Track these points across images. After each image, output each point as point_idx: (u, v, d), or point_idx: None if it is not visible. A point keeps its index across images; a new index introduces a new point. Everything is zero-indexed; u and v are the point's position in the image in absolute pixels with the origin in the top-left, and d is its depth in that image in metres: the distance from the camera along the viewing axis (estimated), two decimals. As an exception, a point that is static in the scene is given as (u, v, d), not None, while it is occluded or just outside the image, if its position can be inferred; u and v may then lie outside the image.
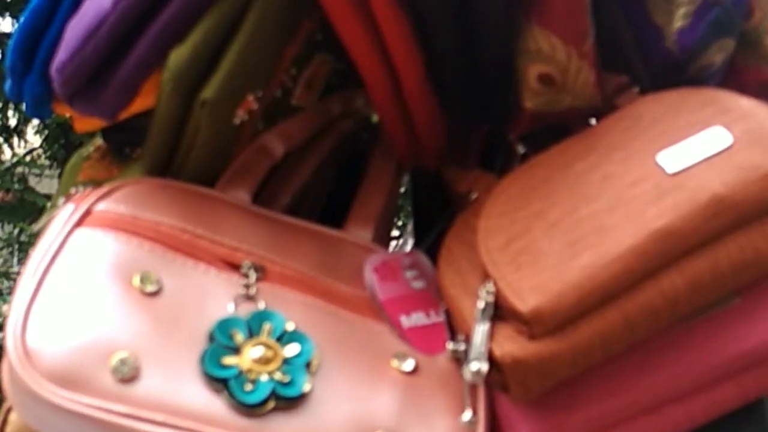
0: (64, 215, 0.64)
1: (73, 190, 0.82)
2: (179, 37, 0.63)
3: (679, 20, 0.68)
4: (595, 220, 0.62)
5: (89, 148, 0.90)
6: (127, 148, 0.84)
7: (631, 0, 0.71)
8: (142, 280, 0.60)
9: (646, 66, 0.72)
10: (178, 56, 0.62)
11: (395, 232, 1.84)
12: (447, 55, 0.69)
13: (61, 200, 0.81)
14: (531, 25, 0.68)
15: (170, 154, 0.69)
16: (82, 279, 0.59)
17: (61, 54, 0.64)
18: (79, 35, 0.63)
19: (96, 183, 0.81)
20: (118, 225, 0.63)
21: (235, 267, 0.65)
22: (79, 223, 0.63)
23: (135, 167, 0.76)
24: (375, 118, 0.82)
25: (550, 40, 0.67)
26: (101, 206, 0.64)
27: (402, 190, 0.93)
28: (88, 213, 0.64)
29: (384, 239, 0.80)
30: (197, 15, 0.62)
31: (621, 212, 0.61)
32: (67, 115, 0.81)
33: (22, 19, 0.74)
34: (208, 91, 0.64)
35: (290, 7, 0.67)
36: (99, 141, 0.88)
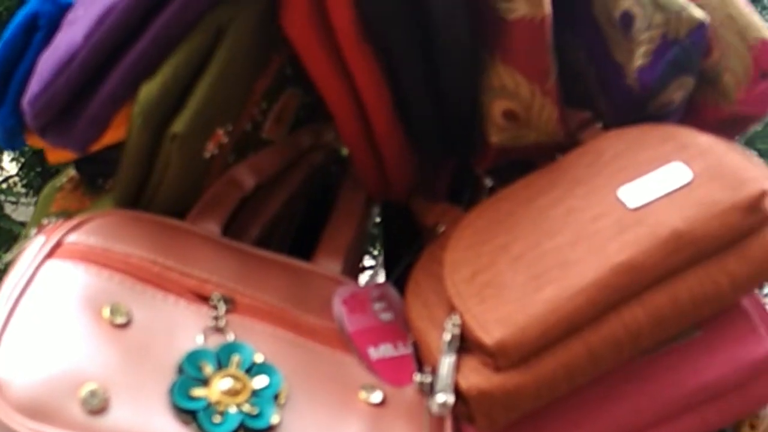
0: (35, 247, 0.64)
1: (45, 221, 0.82)
2: (149, 72, 0.63)
3: (639, 59, 0.69)
4: (559, 254, 0.63)
5: (62, 179, 0.90)
6: (99, 179, 0.84)
7: (593, 38, 0.72)
8: (112, 312, 0.61)
9: (609, 102, 0.74)
10: (148, 91, 0.63)
11: (370, 261, 1.85)
12: (414, 92, 0.71)
13: (33, 231, 0.81)
14: (495, 62, 0.69)
15: (141, 186, 0.69)
16: (52, 310, 0.60)
17: (33, 86, 0.64)
18: (51, 68, 0.63)
19: (68, 214, 0.81)
20: (88, 257, 0.64)
21: (204, 299, 0.66)
22: (49, 254, 0.63)
23: (107, 199, 0.76)
24: (344, 151, 0.83)
25: (514, 77, 0.69)
26: (72, 238, 0.65)
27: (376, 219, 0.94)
28: (58, 245, 0.64)
29: (353, 270, 0.81)
30: (167, 50, 0.63)
31: (583, 246, 0.63)
32: (40, 146, 0.82)
33: (-7, 53, 0.75)
34: (178, 125, 0.64)
35: (260, 42, 0.68)
36: (72, 172, 0.89)
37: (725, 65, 0.72)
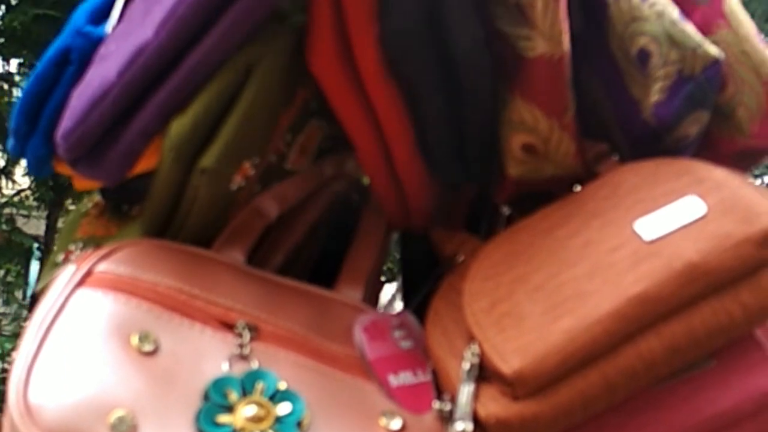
0: (65, 276, 0.66)
1: (72, 247, 0.84)
2: (180, 108, 0.65)
3: (655, 94, 0.71)
4: (576, 285, 0.64)
5: (87, 204, 0.92)
6: (125, 206, 0.86)
7: (610, 73, 0.74)
8: (140, 340, 0.63)
9: (625, 135, 0.75)
10: (179, 126, 0.65)
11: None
12: (435, 124, 0.72)
13: (61, 256, 0.83)
14: (515, 97, 0.71)
15: (169, 216, 0.71)
16: (82, 338, 0.62)
17: (67, 121, 0.66)
18: (84, 104, 0.65)
19: (95, 240, 0.83)
20: (117, 286, 0.66)
21: (229, 326, 0.67)
22: (80, 283, 0.65)
23: (133, 226, 0.78)
24: (365, 179, 0.84)
25: (533, 112, 0.71)
26: (102, 267, 0.67)
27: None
28: (89, 273, 0.66)
29: (373, 297, 0.82)
30: (198, 87, 0.65)
31: (600, 278, 0.64)
32: (68, 173, 0.84)
33: (26, 85, 0.77)
34: (208, 160, 0.66)
35: (287, 78, 0.70)
36: (97, 197, 0.91)
37: (739, 100, 0.74)
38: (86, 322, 0.63)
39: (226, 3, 0.63)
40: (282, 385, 0.64)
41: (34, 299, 0.72)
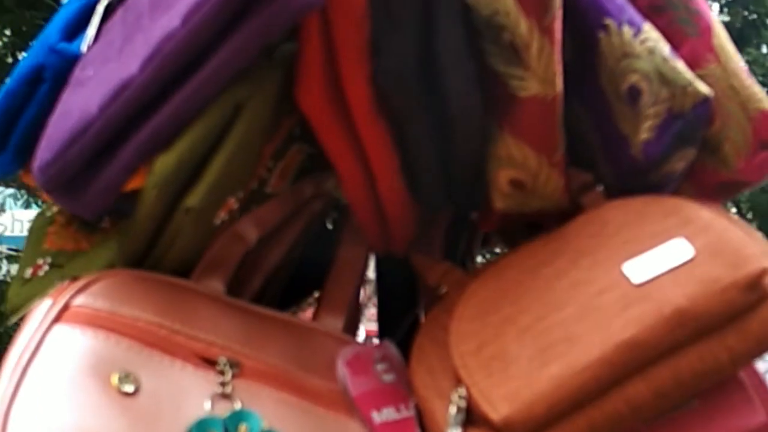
0: (41, 310, 0.64)
1: (40, 261, 0.81)
2: (164, 144, 0.63)
3: (645, 132, 0.70)
4: (564, 328, 0.64)
5: (53, 209, 0.89)
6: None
7: (599, 107, 0.73)
8: (121, 380, 0.61)
9: (611, 168, 0.75)
10: (164, 164, 0.63)
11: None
12: (422, 157, 0.71)
13: (29, 271, 0.80)
14: (504, 133, 0.70)
15: (149, 247, 0.69)
16: (61, 379, 0.60)
17: (45, 152, 0.64)
18: (63, 137, 0.63)
19: (64, 254, 0.80)
20: (96, 321, 0.64)
21: (210, 362, 0.66)
22: (57, 319, 0.63)
23: (106, 244, 0.75)
24: (344, 199, 0.83)
25: (522, 149, 0.70)
26: (79, 300, 0.65)
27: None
28: (66, 308, 0.64)
29: (352, 325, 0.81)
30: (184, 123, 0.63)
31: (589, 321, 0.64)
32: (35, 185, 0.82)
33: (-5, 102, 0.74)
34: (193, 200, 0.64)
35: (275, 112, 0.68)
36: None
37: (726, 135, 0.73)
38: (64, 362, 0.61)
39: (214, 43, 0.61)
40: (265, 425, 0.63)
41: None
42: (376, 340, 0.84)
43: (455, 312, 0.69)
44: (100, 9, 0.75)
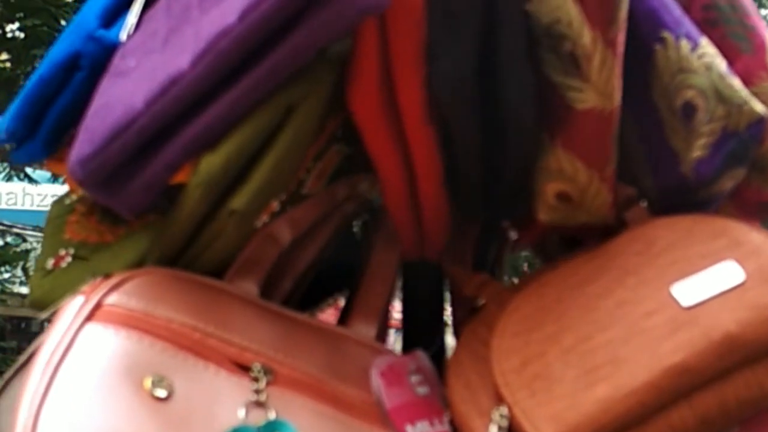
0: (73, 308, 0.62)
1: (62, 251, 0.79)
2: (211, 144, 0.61)
3: (698, 150, 0.69)
4: (610, 349, 0.63)
5: (72, 197, 0.87)
6: (113, 206, 0.81)
7: (649, 121, 0.71)
8: (154, 384, 0.59)
9: (657, 184, 0.73)
10: (210, 164, 0.60)
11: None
12: (468, 165, 0.69)
13: (50, 261, 0.78)
14: (555, 145, 0.68)
15: (184, 246, 0.67)
16: (93, 381, 0.58)
17: (85, 146, 0.61)
18: (105, 130, 0.60)
19: (87, 246, 0.78)
20: (129, 322, 0.62)
21: (244, 368, 0.64)
22: (89, 317, 0.61)
23: (134, 241, 0.73)
24: (377, 201, 0.81)
25: (573, 162, 0.68)
26: (112, 299, 0.63)
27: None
28: (98, 306, 0.62)
29: (382, 333, 0.79)
30: (232, 123, 0.61)
31: (636, 343, 0.62)
32: (60, 173, 0.80)
33: (28, 87, 0.72)
34: (239, 202, 0.62)
35: (324, 114, 0.66)
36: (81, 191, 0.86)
37: None
38: (96, 363, 0.59)
39: (271, 41, 0.59)
40: (299, 437, 0.61)
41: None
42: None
43: (497, 327, 0.67)
44: (142, -4, 0.73)
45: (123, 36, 0.70)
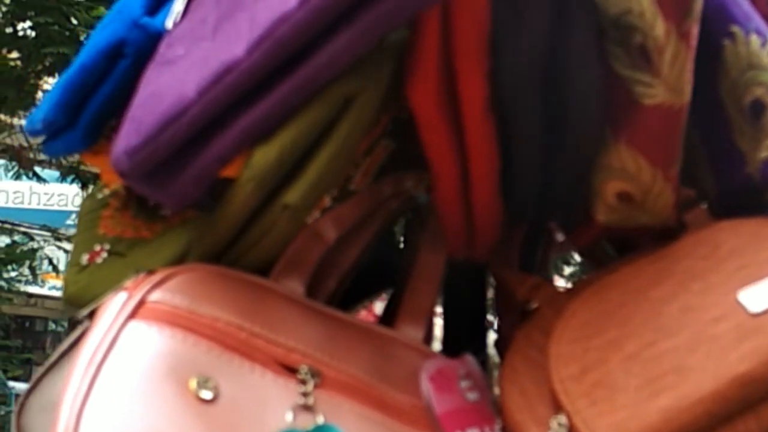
0: (116, 305, 0.59)
1: (97, 247, 0.77)
2: (263, 136, 0.58)
3: (766, 150, 0.66)
4: (675, 357, 0.60)
5: (104, 191, 0.85)
6: (150, 201, 0.79)
7: (714, 119, 0.68)
8: (199, 385, 0.57)
9: (720, 185, 0.70)
10: (263, 157, 0.58)
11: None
12: (527, 164, 0.67)
13: (85, 257, 0.76)
14: (618, 142, 0.65)
15: (231, 242, 0.64)
16: (136, 380, 0.56)
17: (132, 137, 0.59)
18: (155, 120, 0.58)
19: (123, 242, 0.76)
20: (174, 320, 0.59)
21: (291, 370, 0.61)
22: (132, 314, 0.59)
23: (173, 236, 0.70)
24: (422, 199, 0.79)
25: (636, 160, 0.65)
26: (155, 296, 0.60)
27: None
28: (141, 303, 0.59)
29: (428, 335, 0.77)
30: (288, 114, 0.58)
31: (702, 351, 0.60)
32: (97, 165, 0.77)
33: (68, 75, 0.69)
34: (293, 196, 0.59)
35: (380, 105, 0.64)
36: (116, 185, 0.84)
37: None
38: (140, 362, 0.57)
39: (332, 28, 0.56)
40: (349, 442, 0.59)
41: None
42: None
43: (554, 333, 0.65)
44: (189, -17, 0.70)
45: (169, 24, 0.68)
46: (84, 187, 5.73)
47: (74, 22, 4.20)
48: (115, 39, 0.67)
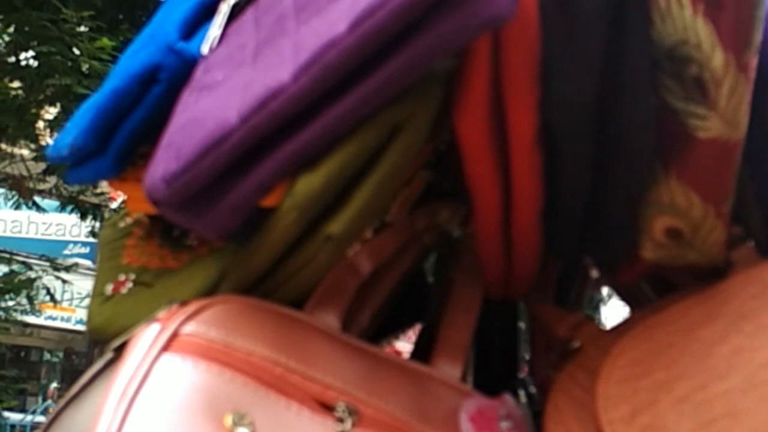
0: (148, 337, 0.57)
1: (122, 277, 0.74)
2: (307, 163, 0.56)
3: None
4: (728, 400, 0.58)
5: (127, 220, 0.83)
6: (175, 230, 0.77)
7: (763, 155, 0.67)
8: (235, 422, 0.54)
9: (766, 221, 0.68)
10: (308, 185, 0.56)
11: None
12: (573, 199, 0.65)
13: (110, 287, 0.74)
14: (669, 177, 0.63)
15: (267, 273, 0.62)
16: (170, 415, 0.53)
17: (171, 163, 0.56)
18: (194, 147, 0.56)
19: (148, 272, 0.73)
20: (208, 353, 0.57)
21: (327, 408, 0.59)
22: (166, 347, 0.56)
23: (202, 267, 0.68)
24: (456, 233, 0.76)
25: (688, 195, 0.63)
26: (189, 328, 0.58)
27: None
28: (175, 335, 0.57)
29: (465, 372, 0.74)
30: (334, 142, 0.56)
31: (755, 395, 0.57)
32: (124, 192, 0.76)
33: (99, 99, 0.67)
34: (336, 227, 0.57)
35: (427, 134, 0.62)
36: (139, 214, 0.81)
37: None
38: (174, 396, 0.54)
39: (383, 54, 0.54)
40: (388, 484, 0.56)
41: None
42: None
43: (602, 372, 0.62)
44: (225, 8, 0.68)
45: (205, 49, 0.66)
46: (83, 217, 5.71)
47: (77, 52, 4.20)
48: (150, 64, 0.66)
